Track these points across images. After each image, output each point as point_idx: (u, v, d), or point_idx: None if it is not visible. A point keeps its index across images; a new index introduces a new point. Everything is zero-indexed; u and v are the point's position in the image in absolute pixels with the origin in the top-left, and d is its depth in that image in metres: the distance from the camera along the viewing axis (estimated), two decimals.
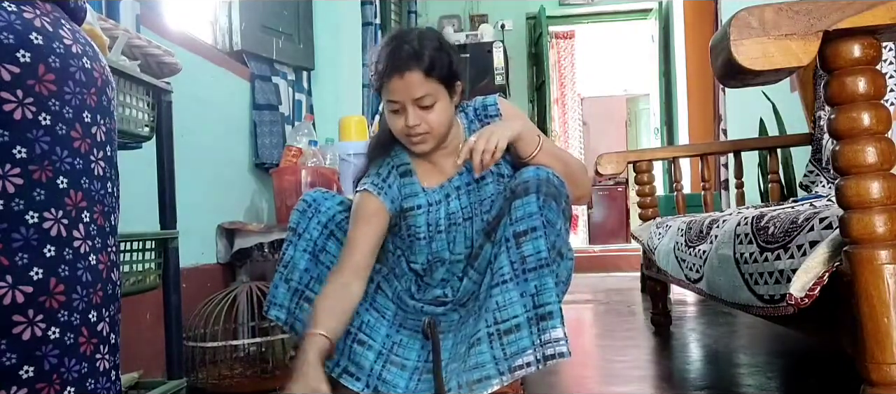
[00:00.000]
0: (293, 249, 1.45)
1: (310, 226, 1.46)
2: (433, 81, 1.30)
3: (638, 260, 3.78)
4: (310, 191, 1.52)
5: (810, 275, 0.95)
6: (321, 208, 1.47)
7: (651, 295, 2.41)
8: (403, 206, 1.42)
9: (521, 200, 1.27)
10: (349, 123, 2.82)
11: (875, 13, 0.85)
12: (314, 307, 1.31)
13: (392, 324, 1.45)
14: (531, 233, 1.25)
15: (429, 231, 1.42)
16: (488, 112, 1.48)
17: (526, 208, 1.26)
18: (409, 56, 1.28)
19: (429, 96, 1.30)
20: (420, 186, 1.43)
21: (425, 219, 1.42)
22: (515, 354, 1.24)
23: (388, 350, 1.42)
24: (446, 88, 1.34)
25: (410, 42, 1.29)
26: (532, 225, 1.25)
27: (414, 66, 1.28)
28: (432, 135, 1.34)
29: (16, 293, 0.70)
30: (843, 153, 0.89)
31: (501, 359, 1.24)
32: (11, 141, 0.70)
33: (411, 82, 1.28)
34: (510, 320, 1.25)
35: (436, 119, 1.33)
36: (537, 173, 1.30)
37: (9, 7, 0.72)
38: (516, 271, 1.25)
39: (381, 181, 1.41)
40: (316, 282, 1.45)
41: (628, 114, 8.39)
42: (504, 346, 1.25)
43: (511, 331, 1.25)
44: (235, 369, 1.89)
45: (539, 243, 1.25)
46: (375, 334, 1.43)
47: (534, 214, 1.25)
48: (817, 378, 1.65)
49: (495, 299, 1.26)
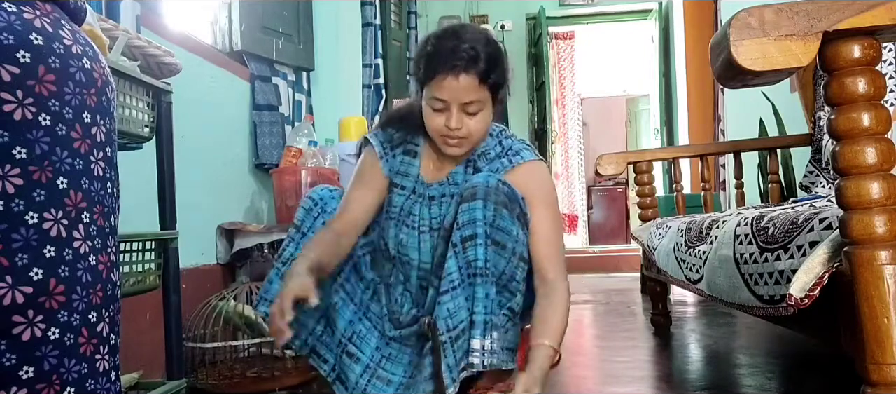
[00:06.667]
0: (294, 246, 1.43)
1: (314, 225, 1.44)
2: (485, 89, 1.25)
3: (638, 260, 3.78)
4: (317, 188, 1.51)
5: (810, 275, 0.95)
6: (327, 209, 1.45)
7: (651, 296, 2.40)
8: (394, 180, 1.42)
9: (467, 204, 1.25)
10: (349, 123, 2.83)
11: (875, 14, 0.85)
12: (305, 246, 1.32)
13: (382, 336, 1.43)
14: (472, 239, 1.23)
15: (400, 215, 1.40)
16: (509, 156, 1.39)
17: (471, 214, 1.24)
18: (471, 58, 1.22)
19: (477, 103, 1.26)
20: (417, 171, 1.42)
21: (402, 202, 1.41)
22: (464, 357, 1.22)
23: (375, 364, 1.41)
24: (493, 97, 1.29)
25: (474, 43, 1.23)
26: (475, 231, 1.23)
27: (472, 70, 1.22)
28: (469, 140, 1.30)
29: (16, 294, 0.70)
30: (843, 154, 0.89)
31: (454, 366, 1.22)
32: (11, 141, 0.70)
33: (466, 86, 1.23)
34: (459, 325, 1.22)
35: (477, 126, 1.28)
36: (487, 180, 1.26)
37: (9, 7, 0.72)
38: (463, 276, 1.23)
39: (388, 147, 1.42)
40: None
41: (628, 114, 8.38)
42: (455, 351, 1.22)
43: (460, 336, 1.22)
44: (235, 369, 1.89)
45: (478, 251, 1.22)
46: (365, 347, 1.41)
47: (477, 221, 1.23)
48: (817, 378, 1.65)
49: (446, 306, 1.23)
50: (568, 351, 2.11)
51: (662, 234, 1.96)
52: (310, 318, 1.42)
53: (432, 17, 5.95)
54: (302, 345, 1.43)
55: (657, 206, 2.44)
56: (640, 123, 8.08)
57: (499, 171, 1.36)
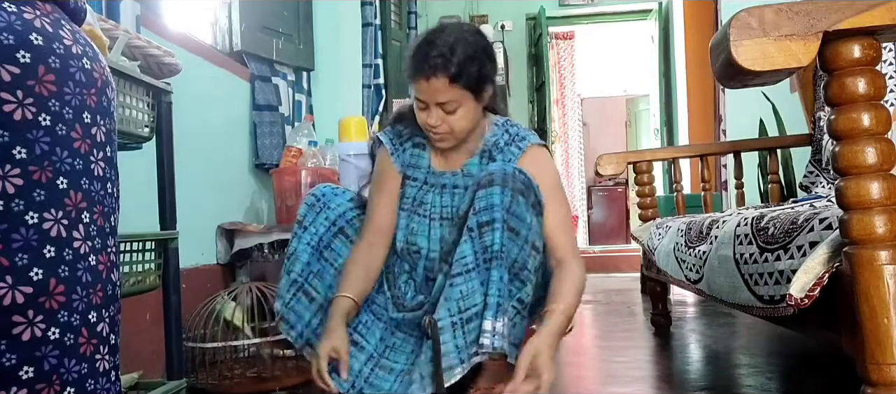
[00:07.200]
0: (297, 241, 1.48)
1: (317, 220, 1.49)
2: (458, 88, 1.31)
3: (638, 261, 3.78)
4: (319, 186, 1.54)
5: (810, 276, 0.95)
6: (331, 205, 1.50)
7: (651, 296, 2.40)
8: (404, 172, 1.48)
9: (484, 190, 1.28)
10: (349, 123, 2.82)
11: (875, 14, 0.85)
12: (344, 270, 1.41)
13: (387, 326, 1.46)
14: (490, 224, 1.26)
15: (412, 205, 1.45)
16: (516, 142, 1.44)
17: (489, 199, 1.27)
18: (437, 63, 1.28)
19: (452, 102, 1.32)
20: (427, 162, 1.48)
21: (414, 193, 1.46)
22: (475, 341, 1.25)
23: (379, 354, 1.43)
24: (473, 94, 1.34)
25: (442, 47, 1.29)
26: (492, 216, 1.26)
27: (440, 73, 1.28)
28: (453, 135, 1.37)
29: (16, 294, 0.70)
30: (843, 154, 0.89)
31: (463, 347, 1.26)
32: (11, 141, 0.70)
33: (437, 87, 1.30)
34: (472, 309, 1.26)
35: (458, 123, 1.35)
36: (503, 168, 1.30)
37: (9, 7, 0.72)
38: (478, 261, 1.27)
39: (399, 143, 1.50)
40: (315, 277, 1.47)
41: (628, 114, 8.38)
42: (466, 334, 1.26)
43: (472, 319, 1.26)
44: (235, 369, 1.89)
45: (495, 236, 1.26)
46: (370, 337, 1.44)
47: (495, 206, 1.26)
48: (817, 378, 1.65)
49: (459, 288, 1.27)
50: (568, 351, 2.11)
51: (662, 234, 1.96)
52: (307, 311, 1.46)
53: (432, 17, 5.94)
54: (297, 337, 1.47)
55: (657, 206, 2.44)
56: (640, 124, 8.08)
57: (512, 160, 1.41)
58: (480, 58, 1.34)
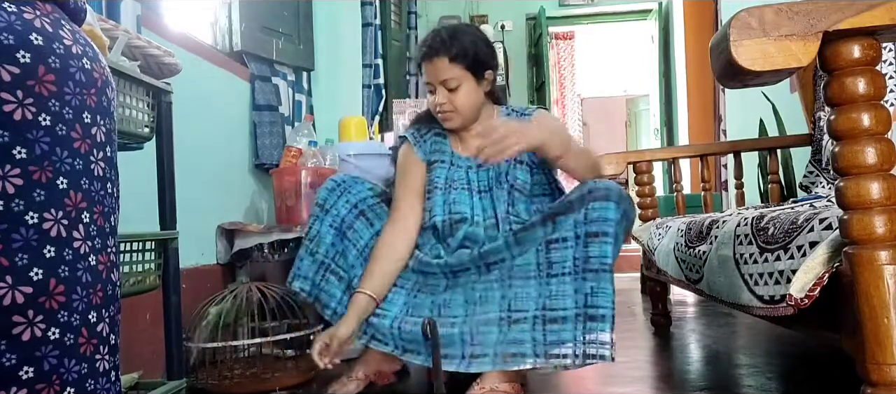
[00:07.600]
0: (320, 223, 1.59)
1: (338, 203, 1.60)
2: (458, 67, 1.50)
3: (638, 260, 3.78)
4: (338, 174, 1.66)
5: (810, 276, 0.95)
6: (351, 190, 1.62)
7: (651, 296, 2.41)
8: (430, 159, 1.61)
9: (600, 203, 1.36)
10: (349, 123, 2.83)
11: (875, 14, 0.85)
12: (368, 265, 1.54)
13: (410, 292, 1.56)
14: (603, 236, 1.35)
15: (446, 184, 1.57)
16: (524, 114, 1.62)
17: (604, 213, 1.36)
18: (439, 44, 1.50)
19: (453, 80, 1.51)
20: (450, 148, 1.63)
21: (445, 173, 1.58)
22: (554, 343, 1.34)
23: (404, 314, 1.53)
24: (473, 74, 1.52)
25: (443, 33, 1.52)
26: (605, 229, 1.35)
27: (441, 53, 1.50)
28: (458, 113, 1.54)
29: (16, 294, 0.70)
30: (843, 154, 0.89)
31: (540, 343, 1.35)
32: (11, 141, 0.70)
33: (438, 66, 1.50)
34: (559, 311, 1.35)
35: (461, 101, 1.53)
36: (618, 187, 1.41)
37: (9, 7, 0.72)
38: (578, 268, 1.36)
39: (420, 136, 1.65)
40: (341, 256, 1.59)
41: (628, 114, 8.39)
42: (546, 332, 1.35)
43: (556, 321, 1.35)
44: (235, 369, 1.89)
45: (606, 249, 1.35)
46: (391, 307, 1.54)
47: (610, 220, 1.35)
48: (817, 379, 1.65)
49: (551, 288, 1.37)
50: None
51: (662, 234, 1.96)
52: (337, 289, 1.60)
53: (432, 17, 5.95)
54: (332, 315, 1.59)
55: (657, 206, 2.44)
56: (640, 123, 8.08)
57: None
58: (477, 43, 1.53)
